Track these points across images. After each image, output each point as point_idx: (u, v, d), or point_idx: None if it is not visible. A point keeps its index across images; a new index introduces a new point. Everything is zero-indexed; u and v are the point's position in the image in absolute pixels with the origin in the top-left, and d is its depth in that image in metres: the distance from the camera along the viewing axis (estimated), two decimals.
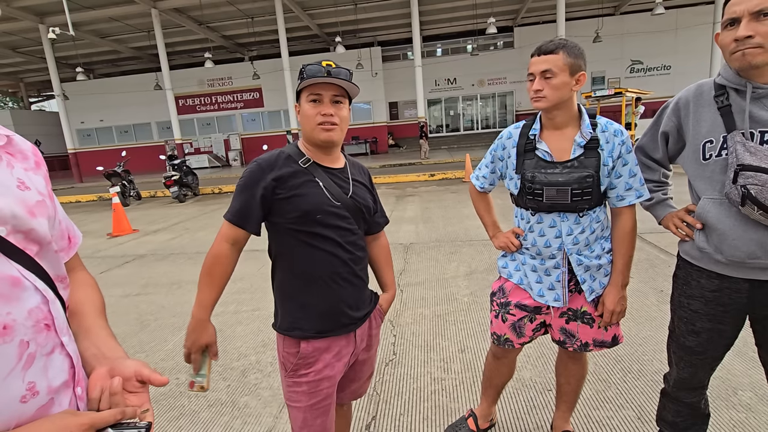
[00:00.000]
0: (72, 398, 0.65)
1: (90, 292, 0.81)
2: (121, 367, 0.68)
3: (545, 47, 1.35)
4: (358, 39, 20.06)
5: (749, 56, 1.09)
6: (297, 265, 1.22)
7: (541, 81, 1.35)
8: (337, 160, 1.30)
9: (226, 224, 1.21)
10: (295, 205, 1.17)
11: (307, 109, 1.18)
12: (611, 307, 1.45)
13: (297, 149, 1.25)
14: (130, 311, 3.65)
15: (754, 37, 1.08)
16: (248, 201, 1.18)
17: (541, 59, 1.35)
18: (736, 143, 1.15)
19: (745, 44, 1.09)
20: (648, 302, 3.03)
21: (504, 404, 2.06)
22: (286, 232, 1.21)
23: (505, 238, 1.59)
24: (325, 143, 1.21)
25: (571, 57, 1.34)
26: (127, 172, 10.89)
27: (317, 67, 1.16)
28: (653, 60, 19.35)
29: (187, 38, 18.52)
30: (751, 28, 1.08)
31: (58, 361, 0.64)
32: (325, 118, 1.17)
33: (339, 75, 1.16)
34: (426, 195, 8.61)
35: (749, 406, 1.92)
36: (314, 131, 1.19)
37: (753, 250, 1.16)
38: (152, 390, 2.42)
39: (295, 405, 1.25)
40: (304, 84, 1.17)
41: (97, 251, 5.96)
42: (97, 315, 0.78)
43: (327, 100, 1.18)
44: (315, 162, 1.23)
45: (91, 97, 20.86)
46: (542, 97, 1.36)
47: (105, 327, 0.77)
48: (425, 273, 4.00)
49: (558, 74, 1.33)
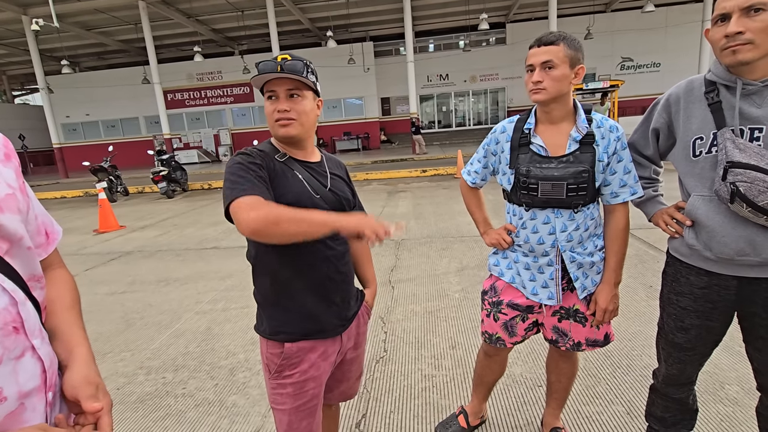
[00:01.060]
0: (44, 403, 0.62)
1: (62, 290, 0.78)
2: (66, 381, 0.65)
3: (546, 38, 1.32)
4: (350, 34, 19.93)
5: (739, 53, 1.09)
6: (279, 266, 1.18)
7: (541, 72, 1.31)
8: (312, 154, 1.27)
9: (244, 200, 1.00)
10: (278, 197, 1.12)
11: (266, 107, 1.18)
12: (604, 306, 1.44)
13: (271, 145, 1.22)
14: (115, 309, 3.58)
15: (744, 33, 1.07)
16: (258, 174, 1.07)
17: (541, 50, 1.32)
18: (726, 140, 1.14)
19: (735, 40, 1.08)
20: (637, 297, 3.05)
21: (495, 401, 2.06)
22: None
23: (496, 235, 1.56)
24: (284, 139, 1.18)
25: (572, 49, 1.31)
26: (113, 167, 10.71)
27: (271, 63, 1.12)
28: (643, 57, 19.53)
29: (176, 31, 18.20)
30: (741, 24, 1.07)
31: (29, 365, 0.60)
32: (281, 114, 1.14)
33: (293, 68, 1.11)
34: (418, 191, 8.60)
35: (736, 400, 1.94)
36: (273, 128, 1.17)
37: (742, 248, 1.16)
38: (138, 389, 2.38)
39: (279, 407, 1.21)
40: (254, 82, 1.14)
41: (82, 248, 5.85)
42: (66, 312, 0.74)
43: (282, 96, 1.14)
44: (291, 156, 1.21)
45: (76, 91, 20.44)
46: (542, 89, 1.32)
47: (74, 323, 0.73)
48: (416, 269, 3.99)
49: (559, 66, 1.30)
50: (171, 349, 2.82)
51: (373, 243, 0.98)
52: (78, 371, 0.66)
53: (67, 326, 0.72)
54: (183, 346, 2.84)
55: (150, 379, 2.48)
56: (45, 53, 18.78)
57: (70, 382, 0.65)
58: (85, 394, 0.63)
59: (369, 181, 10.80)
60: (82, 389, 0.64)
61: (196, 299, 3.65)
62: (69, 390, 0.64)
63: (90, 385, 0.65)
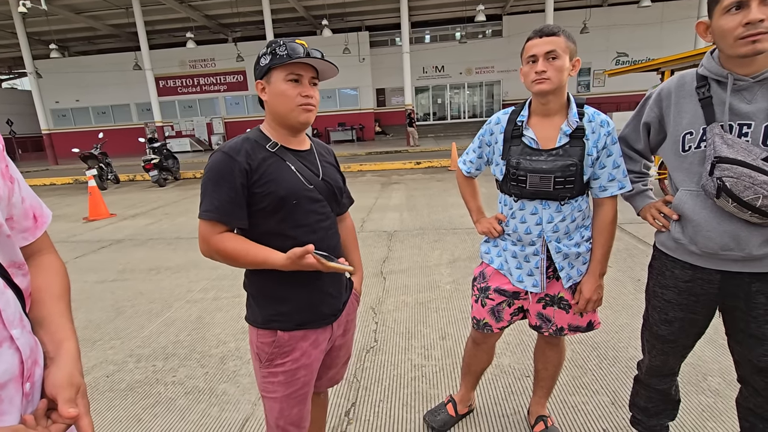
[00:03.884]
0: (20, 394, 0.60)
1: (51, 278, 0.75)
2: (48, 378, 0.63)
3: (547, 29, 1.32)
4: (345, 23, 19.69)
5: (759, 42, 1.04)
6: None
7: (545, 62, 1.31)
8: (303, 142, 1.25)
9: (206, 225, 1.09)
10: (270, 192, 1.11)
11: (287, 89, 1.12)
12: (588, 296, 1.46)
13: (261, 133, 1.18)
14: (105, 297, 3.56)
15: (765, 21, 1.03)
16: (228, 194, 1.08)
17: (544, 41, 1.31)
18: (715, 135, 1.15)
19: (757, 28, 1.04)
20: (625, 291, 3.10)
21: (483, 390, 2.09)
22: (259, 222, 1.15)
23: (488, 224, 1.59)
24: (304, 125, 1.18)
25: (570, 42, 1.33)
26: (104, 154, 10.56)
27: (297, 46, 1.11)
28: (638, 53, 19.57)
29: (168, 17, 17.85)
30: (763, 11, 1.03)
31: (7, 356, 0.59)
32: (306, 99, 1.14)
33: (323, 58, 1.13)
34: (411, 183, 8.59)
35: (717, 391, 1.99)
36: (293, 112, 1.14)
37: (726, 242, 1.18)
38: (128, 377, 2.38)
39: (270, 396, 1.22)
40: (283, 62, 1.10)
41: (72, 236, 5.79)
42: (55, 302, 0.72)
43: (306, 81, 1.14)
44: (283, 146, 1.18)
45: (66, 76, 20.04)
46: (546, 78, 1.31)
47: (62, 314, 0.72)
48: (408, 261, 4.00)
49: (561, 56, 1.31)
50: (161, 337, 2.82)
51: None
52: (63, 369, 0.64)
53: (56, 317, 0.70)
54: (173, 335, 2.84)
55: (140, 367, 2.47)
56: (33, 36, 18.34)
57: (52, 380, 0.63)
58: (64, 396, 0.61)
59: (363, 173, 10.76)
60: (63, 391, 0.62)
61: (187, 288, 3.64)
62: (50, 388, 0.62)
63: (71, 387, 0.63)
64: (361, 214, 6.02)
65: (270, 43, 1.14)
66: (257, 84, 1.17)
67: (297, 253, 1.03)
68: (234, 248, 1.10)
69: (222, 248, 1.09)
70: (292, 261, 1.04)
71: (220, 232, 1.10)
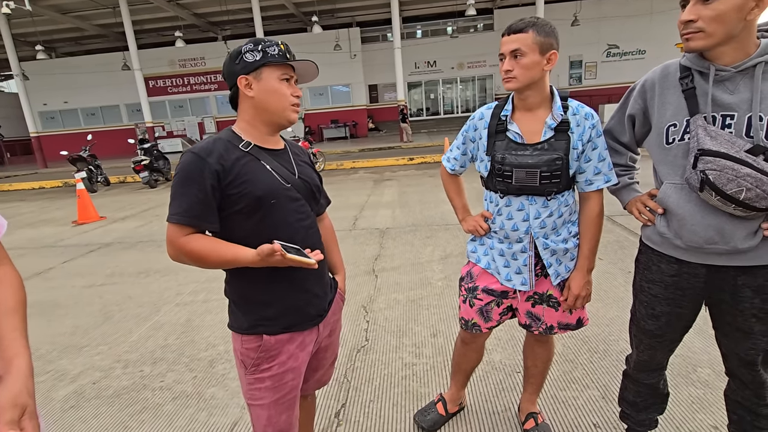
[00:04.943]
0: None
1: (4, 292, 0.72)
2: None
3: (515, 26, 1.31)
4: (335, 19, 19.52)
5: (691, 41, 1.09)
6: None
7: (511, 61, 1.31)
8: (278, 141, 1.24)
9: (173, 228, 1.06)
10: (246, 192, 1.08)
11: (281, 88, 1.13)
12: (576, 292, 1.45)
13: (233, 133, 1.16)
14: (93, 302, 3.51)
15: (696, 21, 1.06)
16: (197, 195, 1.05)
17: (510, 38, 1.31)
18: (698, 127, 1.13)
19: (687, 28, 1.08)
20: (616, 283, 3.10)
21: (474, 387, 2.08)
22: (236, 225, 1.12)
23: (474, 222, 1.56)
24: (291, 123, 1.19)
25: (541, 35, 1.29)
26: (93, 156, 10.42)
27: (283, 48, 1.14)
28: (629, 44, 19.58)
29: (156, 15, 17.59)
30: (694, 11, 1.06)
31: None
32: (297, 100, 1.16)
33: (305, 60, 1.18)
34: (404, 179, 8.56)
35: (707, 383, 1.99)
36: (286, 111, 1.15)
37: (711, 236, 1.16)
38: (115, 383, 2.34)
39: (258, 403, 1.18)
40: (278, 62, 1.12)
41: (59, 240, 5.71)
42: (7, 316, 0.68)
43: (293, 82, 1.17)
44: (256, 145, 1.16)
45: (53, 78, 19.73)
46: (512, 77, 1.32)
47: (15, 329, 0.68)
48: (400, 258, 3.98)
49: (528, 53, 1.28)
50: (149, 341, 2.78)
51: None
52: (9, 389, 0.61)
53: (8, 332, 0.67)
54: (162, 339, 2.80)
55: (127, 373, 2.44)
56: (18, 38, 18.01)
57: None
58: (5, 418, 0.58)
59: (356, 170, 10.71)
60: (5, 411, 0.58)
61: (176, 291, 3.60)
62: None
63: (15, 408, 0.59)
64: (353, 212, 5.99)
65: (257, 41, 1.13)
66: (241, 79, 1.13)
67: (265, 250, 1.00)
68: (201, 247, 1.06)
69: (188, 249, 1.06)
70: (261, 258, 1.02)
71: (187, 234, 1.07)
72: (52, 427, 1.99)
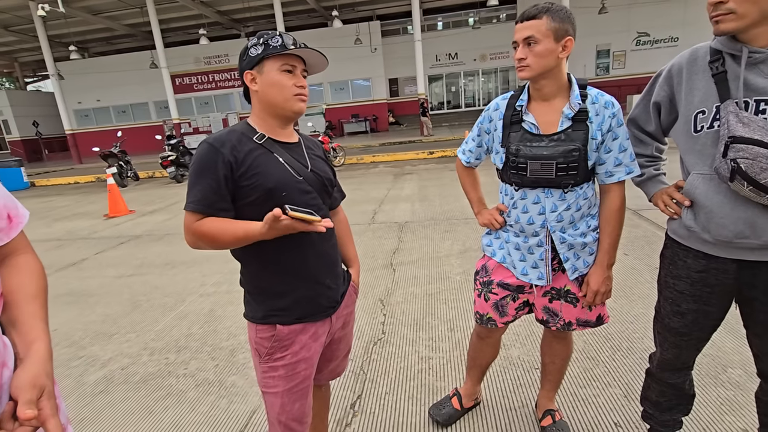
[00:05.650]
0: None
1: (25, 279, 0.74)
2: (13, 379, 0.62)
3: (528, 12, 1.26)
4: (356, 13, 19.51)
5: (721, 23, 1.03)
6: (265, 253, 1.16)
7: (524, 49, 1.27)
8: (291, 134, 1.24)
9: (190, 216, 1.10)
10: (258, 184, 1.10)
11: (283, 79, 1.13)
12: (595, 288, 1.40)
13: (248, 126, 1.18)
14: (123, 292, 3.65)
15: (727, 3, 1.00)
16: (211, 185, 1.08)
17: (523, 25, 1.26)
18: (729, 113, 1.07)
19: (717, 10, 1.03)
20: (642, 279, 2.99)
21: (490, 382, 2.05)
22: (248, 217, 1.13)
23: (489, 215, 1.54)
24: (297, 114, 1.18)
25: (556, 21, 1.24)
26: (123, 152, 10.82)
27: (289, 37, 1.13)
28: (660, 32, 18.72)
29: (182, 14, 18.03)
30: None
31: None
32: (301, 90, 1.15)
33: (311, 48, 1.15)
34: (424, 173, 8.51)
35: (738, 384, 1.90)
36: (289, 101, 1.14)
37: (741, 230, 1.10)
38: (141, 370, 2.43)
39: (271, 391, 1.21)
40: (278, 52, 1.11)
41: (93, 232, 5.96)
42: (29, 303, 0.72)
43: (299, 72, 1.15)
44: (270, 138, 1.17)
45: (87, 77, 20.52)
46: (526, 66, 1.28)
47: (35, 315, 0.71)
48: (419, 252, 3.97)
49: (541, 41, 1.24)
50: (174, 330, 2.87)
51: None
52: (28, 371, 0.63)
53: (28, 318, 0.69)
54: (186, 328, 2.89)
55: (153, 360, 2.53)
56: (54, 39, 18.83)
57: (15, 382, 0.62)
58: (24, 398, 0.60)
59: (376, 164, 10.71)
60: (23, 392, 0.60)
61: (200, 282, 3.70)
62: (13, 390, 0.61)
63: (33, 389, 0.61)
64: (372, 206, 6.00)
65: (261, 34, 1.14)
66: (246, 74, 1.16)
67: (269, 218, 0.98)
68: (213, 228, 1.08)
69: (202, 232, 1.09)
70: (269, 226, 1.00)
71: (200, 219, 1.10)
72: (83, 410, 2.09)
